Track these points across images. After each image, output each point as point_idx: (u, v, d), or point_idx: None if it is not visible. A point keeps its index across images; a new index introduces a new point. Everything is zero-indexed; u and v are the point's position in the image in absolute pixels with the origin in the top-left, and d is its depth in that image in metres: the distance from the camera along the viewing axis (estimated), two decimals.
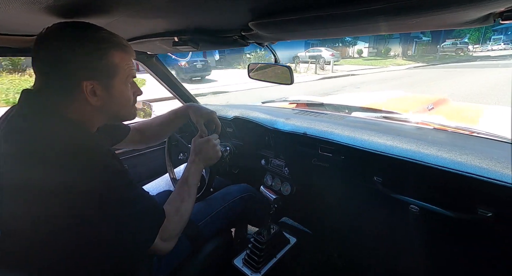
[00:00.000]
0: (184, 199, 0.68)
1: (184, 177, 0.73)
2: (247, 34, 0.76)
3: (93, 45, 0.52)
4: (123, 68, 0.56)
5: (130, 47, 0.58)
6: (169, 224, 0.61)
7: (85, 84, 0.52)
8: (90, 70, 0.52)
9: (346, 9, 0.45)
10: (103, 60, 0.53)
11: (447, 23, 0.52)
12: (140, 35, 0.85)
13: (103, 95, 0.55)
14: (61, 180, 0.46)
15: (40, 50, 0.51)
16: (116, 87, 0.56)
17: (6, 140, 0.50)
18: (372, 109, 1.49)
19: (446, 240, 0.84)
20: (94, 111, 0.56)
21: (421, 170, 0.75)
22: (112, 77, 0.55)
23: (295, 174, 1.17)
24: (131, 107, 0.63)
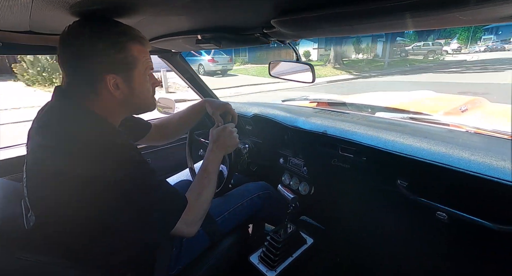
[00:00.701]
0: (204, 186, 0.69)
1: (204, 165, 0.74)
2: (269, 32, 0.75)
3: (112, 39, 0.53)
4: (141, 60, 0.58)
5: (146, 40, 0.59)
6: (191, 209, 0.62)
7: (108, 78, 0.54)
8: (111, 64, 0.54)
9: (372, 5, 0.43)
10: (123, 53, 0.55)
11: (483, 18, 0.48)
12: (164, 33, 0.88)
13: (125, 88, 0.57)
14: (86, 170, 0.49)
15: (64, 48, 0.53)
16: (136, 79, 0.58)
17: (38, 133, 0.54)
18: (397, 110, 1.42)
19: (476, 251, 0.78)
20: (117, 104, 0.59)
21: (451, 175, 0.70)
22: (132, 69, 0.57)
23: (314, 174, 1.15)
24: (151, 98, 0.65)
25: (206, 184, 0.70)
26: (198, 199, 0.66)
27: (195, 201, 0.65)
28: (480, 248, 0.76)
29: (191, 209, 0.62)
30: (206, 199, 0.68)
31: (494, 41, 26.45)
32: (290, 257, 0.95)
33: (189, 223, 0.62)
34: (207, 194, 0.69)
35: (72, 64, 0.54)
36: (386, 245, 1.03)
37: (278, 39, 0.84)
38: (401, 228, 0.95)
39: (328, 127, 1.03)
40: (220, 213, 0.90)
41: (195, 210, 0.64)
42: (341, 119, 1.09)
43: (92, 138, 0.52)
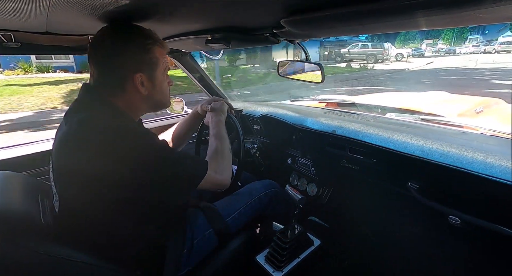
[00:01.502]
0: (217, 142, 0.81)
1: (211, 133, 0.86)
2: (278, 32, 0.75)
3: (141, 42, 0.61)
4: (162, 61, 0.65)
5: (165, 43, 0.67)
6: (215, 160, 0.74)
7: (136, 76, 0.61)
8: (139, 64, 0.61)
9: (384, 3, 0.42)
10: (149, 55, 0.62)
11: (494, 17, 0.46)
12: (175, 34, 0.89)
13: (149, 86, 0.64)
14: (111, 156, 0.53)
15: (96, 49, 0.60)
16: (158, 78, 0.66)
17: (66, 123, 0.60)
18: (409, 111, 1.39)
19: (490, 257, 0.75)
20: (140, 100, 0.65)
21: (464, 178, 0.68)
22: (155, 69, 0.64)
23: (322, 174, 1.14)
24: (168, 95, 0.72)
25: (218, 142, 0.81)
26: (217, 152, 0.78)
27: (215, 154, 0.76)
28: (495, 254, 0.74)
29: (215, 160, 0.73)
30: (224, 150, 0.80)
31: (480, 41, 25.79)
32: (297, 258, 0.94)
33: (218, 171, 0.71)
34: (223, 146, 0.81)
35: (104, 63, 0.60)
36: (395, 248, 1.01)
37: (287, 39, 0.84)
38: (411, 231, 0.92)
39: (337, 127, 1.02)
40: (230, 213, 0.91)
41: (219, 160, 0.75)
42: (351, 120, 1.08)
43: (115, 126, 0.57)
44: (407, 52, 19.90)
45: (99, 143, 0.53)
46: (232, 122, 1.03)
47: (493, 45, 23.49)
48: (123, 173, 0.53)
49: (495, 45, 23.13)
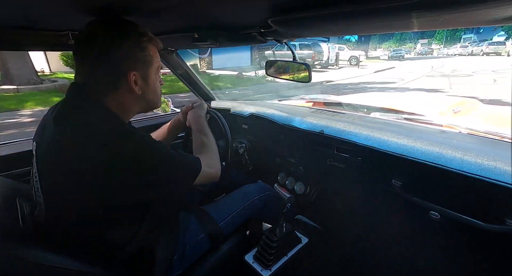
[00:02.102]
0: (203, 137, 0.83)
1: (194, 128, 0.88)
2: (266, 31, 0.75)
3: (136, 39, 0.58)
4: (155, 59, 0.63)
5: (159, 41, 0.65)
6: (205, 154, 0.76)
7: (131, 74, 0.58)
8: (134, 62, 0.59)
9: (369, 5, 0.43)
10: (144, 52, 0.60)
11: (478, 20, 0.49)
12: (161, 31, 0.87)
13: (142, 84, 0.62)
14: (116, 164, 0.52)
15: (88, 45, 0.56)
16: (151, 77, 0.64)
17: (55, 127, 0.56)
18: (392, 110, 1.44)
19: (467, 249, 0.79)
20: (133, 99, 0.62)
21: (443, 175, 0.71)
22: (148, 67, 0.62)
23: (309, 173, 1.16)
24: (160, 95, 0.70)
25: (203, 136, 0.83)
26: (204, 146, 0.80)
27: (202, 148, 0.79)
28: (470, 246, 0.78)
29: (204, 156, 0.74)
30: (211, 144, 0.82)
31: (473, 41, 24.83)
32: (285, 256, 0.95)
33: (210, 165, 0.73)
34: (208, 140, 0.83)
35: (98, 61, 0.56)
36: (380, 243, 1.05)
37: (275, 38, 0.84)
38: (395, 227, 0.96)
39: (324, 127, 1.04)
40: (223, 217, 0.90)
41: (208, 155, 0.77)
42: (337, 119, 1.10)
43: (111, 130, 0.55)
44: (386, 53, 20.24)
45: (97, 148, 0.51)
46: (218, 120, 1.02)
47: (481, 46, 21.41)
48: (124, 176, 0.52)
49: (483, 45, 20.99)
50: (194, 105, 0.97)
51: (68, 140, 0.53)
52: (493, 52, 20.08)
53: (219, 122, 1.03)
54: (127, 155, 0.52)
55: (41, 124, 0.62)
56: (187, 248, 0.79)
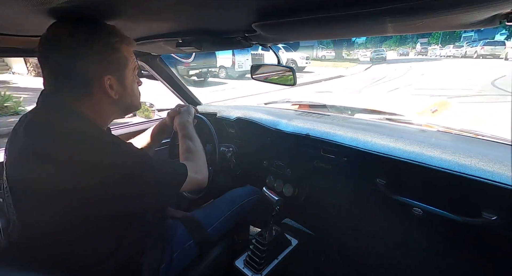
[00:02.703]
0: (189, 142, 0.80)
1: (180, 134, 0.85)
2: (250, 35, 0.76)
3: (107, 40, 0.55)
4: (130, 60, 0.60)
5: (132, 40, 0.61)
6: (192, 160, 0.73)
7: (104, 78, 0.55)
8: (107, 65, 0.55)
9: (350, 10, 0.45)
10: (117, 54, 0.56)
11: (453, 24, 0.52)
12: (143, 36, 0.85)
13: (119, 88, 0.58)
14: (92, 173, 0.48)
15: (52, 50, 0.52)
16: (127, 79, 0.60)
17: (26, 138, 0.52)
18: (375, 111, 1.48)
19: (449, 243, 0.83)
20: (110, 104, 0.59)
21: (424, 172, 0.74)
22: (124, 69, 0.59)
23: (297, 175, 1.17)
24: (139, 97, 0.67)
25: (189, 141, 0.81)
26: (190, 151, 0.77)
27: (188, 154, 0.76)
28: (451, 239, 0.81)
29: (191, 161, 0.72)
30: (197, 149, 0.79)
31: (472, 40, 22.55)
32: (275, 260, 0.95)
33: (197, 171, 0.71)
34: (195, 145, 0.80)
35: (64, 66, 0.52)
36: (368, 241, 1.07)
37: (259, 42, 0.85)
38: (382, 224, 0.98)
39: (310, 129, 1.06)
40: (211, 223, 0.89)
41: (195, 161, 0.74)
42: (322, 121, 1.12)
43: (86, 137, 0.51)
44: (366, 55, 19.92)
45: (71, 157, 0.47)
46: (205, 124, 1.02)
47: (475, 47, 18.01)
48: (103, 187, 0.48)
49: (478, 46, 17.57)
50: (182, 110, 0.95)
51: (41, 151, 0.48)
52: (490, 54, 16.38)
53: (206, 126, 1.02)
54: (107, 165, 0.49)
55: (11, 136, 0.57)
56: (175, 257, 0.77)
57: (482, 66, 12.40)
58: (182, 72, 8.23)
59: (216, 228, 0.89)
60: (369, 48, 23.46)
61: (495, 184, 0.62)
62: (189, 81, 8.49)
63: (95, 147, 0.50)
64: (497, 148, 0.85)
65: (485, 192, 0.65)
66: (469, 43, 20.74)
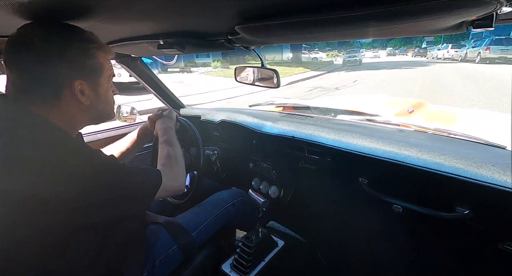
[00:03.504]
0: (169, 148, 0.79)
1: (161, 139, 0.83)
2: (233, 38, 0.76)
3: (82, 45, 0.54)
4: (106, 67, 0.59)
5: (110, 48, 0.61)
6: (169, 167, 0.72)
7: (76, 84, 0.53)
8: (79, 70, 0.54)
9: (329, 14, 0.46)
10: (92, 60, 0.55)
11: (425, 29, 0.55)
12: (123, 37, 0.83)
13: (91, 95, 0.57)
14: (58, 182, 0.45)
15: (21, 51, 0.49)
16: (102, 86, 0.59)
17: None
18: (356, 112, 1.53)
19: (428, 238, 0.87)
20: (80, 111, 0.57)
21: (402, 170, 0.77)
22: (98, 76, 0.58)
23: (282, 176, 1.18)
24: (113, 105, 0.65)
25: (169, 147, 0.79)
26: (169, 158, 0.75)
27: (167, 160, 0.74)
28: (429, 234, 0.85)
29: (168, 168, 0.71)
30: (176, 155, 0.77)
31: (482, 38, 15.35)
32: (262, 262, 0.95)
33: (173, 178, 0.70)
34: (174, 151, 0.78)
35: (32, 69, 0.50)
36: (352, 239, 1.10)
37: (242, 45, 0.86)
38: (364, 222, 1.01)
39: (294, 131, 1.07)
40: (196, 227, 0.87)
41: (173, 168, 0.73)
42: (306, 123, 1.14)
43: (52, 144, 0.48)
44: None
45: (37, 169, 0.44)
46: (188, 127, 1.00)
47: (477, 49, 13.30)
48: (68, 196, 0.46)
49: (481, 48, 12.88)
50: (164, 114, 0.93)
51: (3, 161, 0.45)
52: (499, 57, 11.41)
53: (190, 130, 1.00)
54: (72, 173, 0.47)
55: None
56: (157, 264, 0.74)
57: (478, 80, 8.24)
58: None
59: (201, 232, 0.87)
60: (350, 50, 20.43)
61: (466, 180, 0.66)
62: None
63: (60, 154, 0.47)
64: (467, 146, 0.91)
65: (458, 187, 0.69)
66: (477, 41, 15.67)
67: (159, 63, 10.11)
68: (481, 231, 0.71)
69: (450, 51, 18.33)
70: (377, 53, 32.25)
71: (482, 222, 0.69)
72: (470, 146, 0.91)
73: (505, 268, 0.72)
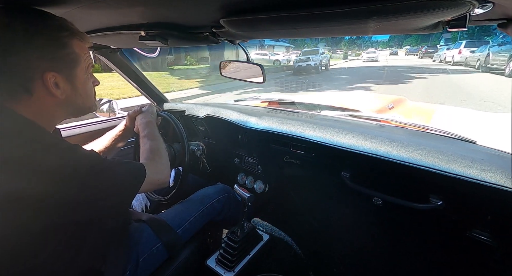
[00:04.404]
0: (151, 142, 0.78)
1: (142, 134, 0.82)
2: (218, 31, 0.75)
3: (52, 33, 0.49)
4: (83, 57, 0.55)
5: (86, 36, 0.56)
6: (152, 160, 0.71)
7: (48, 76, 0.49)
8: (51, 61, 0.50)
9: (312, 11, 0.46)
10: (65, 50, 0.51)
11: (405, 28, 0.57)
12: (102, 27, 0.79)
13: (67, 87, 0.53)
14: (35, 179, 0.43)
15: None
16: (79, 78, 0.55)
17: None
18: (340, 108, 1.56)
19: (406, 228, 0.91)
20: (56, 105, 0.53)
21: (382, 164, 0.81)
22: (74, 67, 0.54)
23: (268, 171, 1.19)
24: (93, 98, 0.62)
25: (151, 141, 0.78)
26: (152, 151, 0.74)
27: (149, 153, 0.73)
28: (406, 224, 0.90)
29: (151, 161, 0.70)
30: (159, 148, 0.76)
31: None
32: (248, 256, 0.96)
33: (157, 171, 0.68)
34: (156, 144, 0.77)
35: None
36: (334, 230, 1.13)
37: (227, 39, 0.85)
38: (347, 215, 1.05)
39: (279, 126, 1.08)
40: (181, 223, 0.86)
41: (156, 159, 0.72)
42: (291, 118, 1.15)
43: (20, 141, 0.45)
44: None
45: (10, 167, 0.42)
46: (171, 121, 0.98)
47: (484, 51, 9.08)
48: (46, 192, 0.44)
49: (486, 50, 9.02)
50: (143, 110, 0.91)
51: None
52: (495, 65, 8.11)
53: (173, 125, 0.99)
54: (49, 169, 0.44)
55: None
56: (141, 262, 0.73)
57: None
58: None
59: (186, 229, 0.87)
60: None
61: (439, 173, 0.70)
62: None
63: (34, 150, 0.45)
64: (442, 141, 0.96)
65: (433, 180, 0.73)
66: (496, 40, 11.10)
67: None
68: (452, 220, 0.76)
69: (464, 52, 11.68)
70: (372, 56, 21.50)
71: (453, 212, 0.74)
72: (444, 141, 0.96)
73: (472, 253, 0.77)
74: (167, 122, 0.99)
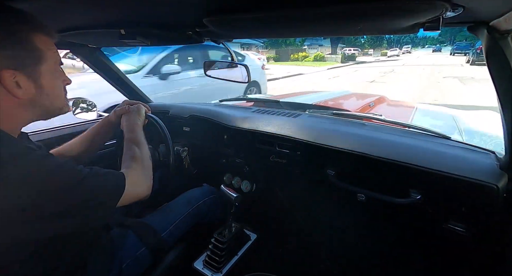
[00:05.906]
0: (135, 148, 0.72)
1: (126, 137, 0.76)
2: (202, 31, 0.74)
3: (9, 27, 0.45)
4: (48, 54, 0.51)
5: (52, 30, 0.52)
6: (134, 170, 0.65)
7: (5, 74, 0.45)
8: (8, 58, 0.46)
9: (296, 11, 0.47)
10: (25, 45, 0.47)
11: (383, 29, 0.59)
12: (78, 25, 0.76)
13: (30, 87, 0.49)
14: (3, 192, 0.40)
15: None
16: (44, 76, 0.51)
17: None
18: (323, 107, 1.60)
19: (388, 222, 0.95)
20: (18, 106, 0.49)
21: (365, 161, 0.83)
22: (38, 65, 0.50)
23: (254, 171, 1.19)
24: (63, 98, 0.57)
25: (134, 145, 0.72)
26: (134, 160, 0.68)
27: (131, 163, 0.67)
28: (389, 219, 0.93)
29: (132, 170, 0.64)
30: (143, 156, 0.71)
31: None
32: (235, 256, 0.96)
33: (138, 183, 0.63)
34: (141, 151, 0.72)
35: None
36: (320, 227, 1.15)
37: (211, 38, 0.84)
38: (332, 212, 1.07)
39: (265, 126, 1.08)
40: (166, 227, 0.84)
41: (137, 171, 0.66)
42: (276, 118, 1.16)
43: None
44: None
45: None
46: (156, 124, 0.96)
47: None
48: (11, 207, 0.40)
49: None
50: (131, 109, 0.85)
51: None
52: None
53: (157, 126, 0.96)
54: (14, 181, 0.41)
55: None
56: (124, 267, 0.71)
57: None
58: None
59: (171, 232, 0.84)
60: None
61: (417, 168, 0.73)
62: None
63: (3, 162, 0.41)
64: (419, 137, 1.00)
65: (411, 175, 0.76)
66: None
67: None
68: (429, 212, 0.79)
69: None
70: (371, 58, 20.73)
71: (431, 205, 0.77)
72: (421, 137, 1.00)
73: (449, 244, 0.81)
74: (152, 124, 0.96)
